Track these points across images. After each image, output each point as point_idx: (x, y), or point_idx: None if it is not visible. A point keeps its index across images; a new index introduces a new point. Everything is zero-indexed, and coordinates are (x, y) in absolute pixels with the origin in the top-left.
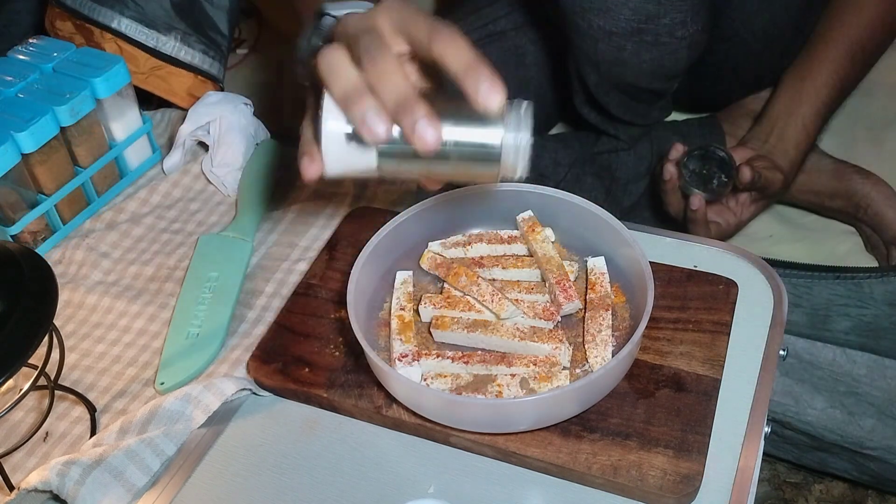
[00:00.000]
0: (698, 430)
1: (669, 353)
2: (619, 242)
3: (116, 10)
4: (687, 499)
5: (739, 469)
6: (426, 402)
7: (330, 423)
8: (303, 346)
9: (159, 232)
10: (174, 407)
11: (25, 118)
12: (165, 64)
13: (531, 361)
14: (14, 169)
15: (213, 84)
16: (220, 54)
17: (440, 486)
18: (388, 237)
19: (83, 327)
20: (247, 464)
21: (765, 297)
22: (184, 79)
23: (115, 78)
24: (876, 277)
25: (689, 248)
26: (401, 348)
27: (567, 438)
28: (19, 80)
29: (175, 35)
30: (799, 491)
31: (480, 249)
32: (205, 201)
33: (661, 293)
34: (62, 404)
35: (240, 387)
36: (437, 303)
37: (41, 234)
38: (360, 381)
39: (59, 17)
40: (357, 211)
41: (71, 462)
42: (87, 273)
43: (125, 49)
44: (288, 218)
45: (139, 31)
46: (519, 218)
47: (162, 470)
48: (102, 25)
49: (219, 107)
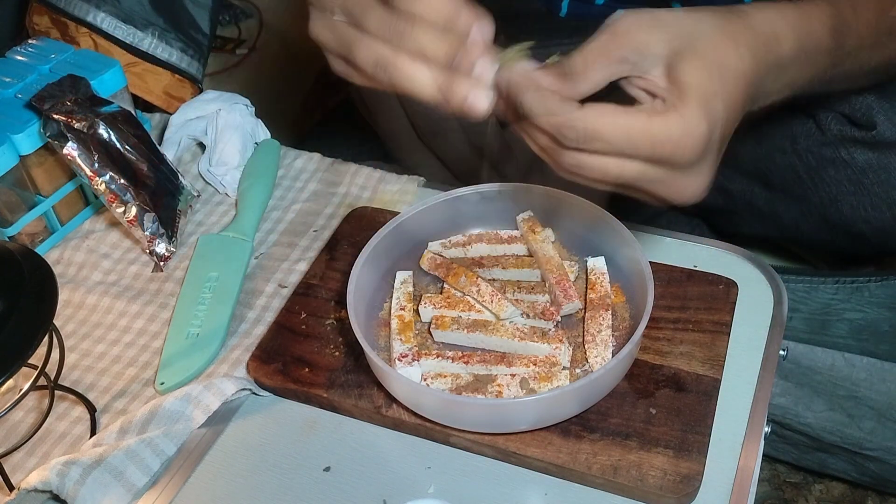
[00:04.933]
0: (698, 430)
1: (669, 353)
2: (619, 242)
3: (92, 3)
4: (687, 499)
5: (739, 469)
6: (426, 402)
7: (330, 423)
8: (303, 346)
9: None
10: (174, 407)
11: (23, 119)
12: (141, 61)
13: (531, 361)
14: (12, 171)
15: (191, 84)
16: (200, 53)
17: (440, 486)
18: (388, 237)
19: (83, 327)
20: (247, 464)
21: (765, 297)
22: (161, 77)
23: (112, 80)
24: (875, 281)
25: (689, 248)
26: (401, 348)
27: (567, 438)
28: (17, 81)
29: (153, 31)
30: (799, 491)
31: (480, 249)
32: (204, 201)
33: (661, 293)
34: (62, 404)
35: (240, 387)
36: (437, 303)
37: (39, 236)
38: (360, 381)
39: (36, 11)
40: (357, 211)
41: (71, 462)
42: (87, 273)
43: (100, 44)
44: (288, 218)
45: (115, 26)
46: (519, 218)
47: (162, 470)
48: (78, 19)
49: (214, 104)
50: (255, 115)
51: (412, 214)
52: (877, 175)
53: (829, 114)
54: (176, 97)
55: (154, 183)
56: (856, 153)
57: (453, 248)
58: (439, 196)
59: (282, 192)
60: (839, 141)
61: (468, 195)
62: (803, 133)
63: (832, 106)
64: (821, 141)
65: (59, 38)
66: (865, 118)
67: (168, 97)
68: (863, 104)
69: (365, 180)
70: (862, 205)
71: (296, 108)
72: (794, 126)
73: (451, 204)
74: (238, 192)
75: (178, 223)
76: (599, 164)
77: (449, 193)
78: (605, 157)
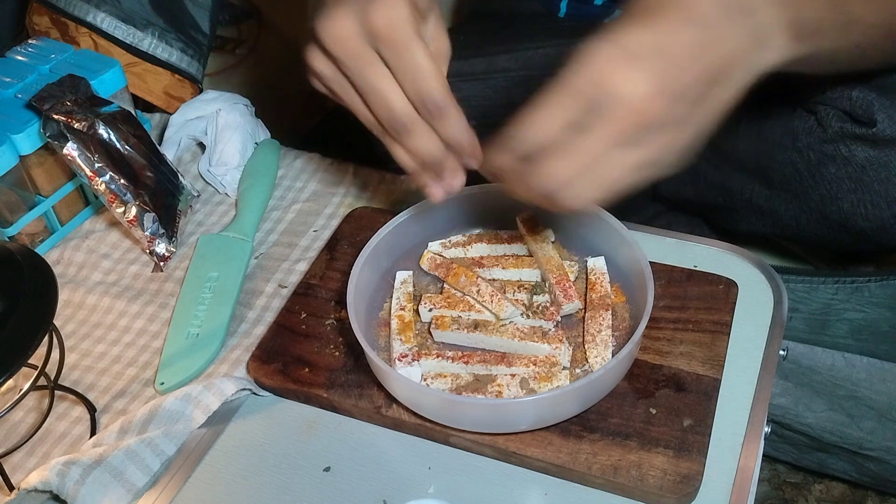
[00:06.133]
0: (698, 430)
1: (669, 353)
2: (619, 242)
3: (92, 3)
4: (687, 499)
5: (739, 469)
6: (426, 402)
7: (330, 423)
8: (303, 346)
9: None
10: (174, 407)
11: (23, 120)
12: (141, 61)
13: (531, 361)
14: (12, 171)
15: (191, 84)
16: (200, 53)
17: (440, 486)
18: (388, 237)
19: (83, 327)
20: (247, 464)
21: (765, 297)
22: (161, 77)
23: (112, 80)
24: (875, 281)
25: (689, 248)
26: (401, 348)
27: (567, 438)
28: (17, 81)
29: (152, 31)
30: (799, 491)
31: (480, 249)
32: (204, 201)
33: (661, 293)
34: (62, 404)
35: (240, 387)
36: (437, 303)
37: (39, 236)
38: (360, 381)
39: (36, 11)
40: (357, 211)
41: (71, 462)
42: (87, 273)
43: (100, 44)
44: (288, 218)
45: (115, 26)
46: (519, 218)
47: (162, 470)
48: (78, 19)
49: (214, 104)
50: (255, 115)
51: (412, 214)
52: (877, 172)
53: (830, 110)
54: (176, 97)
55: (154, 183)
56: (856, 150)
57: (453, 248)
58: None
59: (282, 192)
60: (840, 137)
61: (468, 195)
62: (804, 129)
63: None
64: (821, 137)
65: (59, 38)
66: (866, 115)
67: (168, 97)
68: (863, 101)
69: (365, 180)
70: (862, 202)
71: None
72: (795, 122)
73: (451, 204)
74: (238, 192)
75: (178, 223)
76: (582, 150)
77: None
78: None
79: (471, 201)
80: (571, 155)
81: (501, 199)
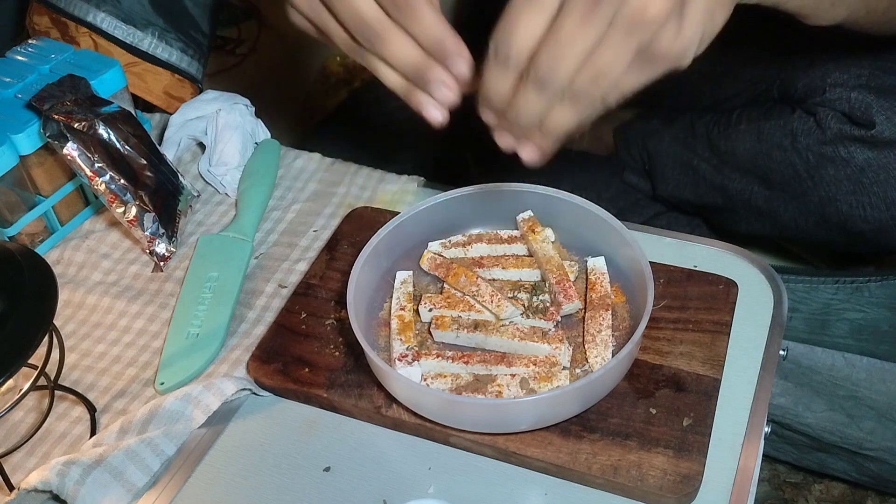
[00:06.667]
0: (698, 430)
1: (669, 353)
2: (619, 242)
3: (92, 3)
4: (687, 499)
5: (739, 469)
6: (426, 402)
7: (330, 423)
8: (303, 346)
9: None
10: (174, 407)
11: (23, 120)
12: (141, 61)
13: (531, 361)
14: (12, 171)
15: (191, 84)
16: (201, 53)
17: (440, 486)
18: (388, 237)
19: (83, 327)
20: (247, 464)
21: (765, 297)
22: (161, 77)
23: (112, 80)
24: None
25: (689, 248)
26: (401, 348)
27: (567, 438)
28: (17, 81)
29: (152, 31)
30: (799, 491)
31: (480, 249)
32: (204, 201)
33: (661, 293)
34: (62, 404)
35: (240, 387)
36: (437, 303)
37: (39, 236)
38: (360, 381)
39: (36, 11)
40: (357, 211)
41: (71, 462)
42: (87, 273)
43: (100, 44)
44: (288, 218)
45: (116, 26)
46: (519, 218)
47: (162, 470)
48: (78, 19)
49: (214, 104)
50: (255, 115)
51: (412, 214)
52: (875, 174)
53: (830, 112)
54: (176, 97)
55: (154, 183)
56: (855, 152)
57: (453, 248)
58: (439, 196)
59: (282, 192)
60: (839, 139)
61: (468, 195)
62: (803, 130)
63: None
64: (820, 139)
65: (59, 38)
66: (865, 117)
67: (168, 97)
68: (862, 103)
69: (365, 180)
70: (860, 204)
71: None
72: (794, 123)
73: (451, 204)
74: (238, 192)
75: (178, 223)
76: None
77: (449, 193)
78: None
79: (471, 201)
80: (566, 46)
81: (501, 199)
